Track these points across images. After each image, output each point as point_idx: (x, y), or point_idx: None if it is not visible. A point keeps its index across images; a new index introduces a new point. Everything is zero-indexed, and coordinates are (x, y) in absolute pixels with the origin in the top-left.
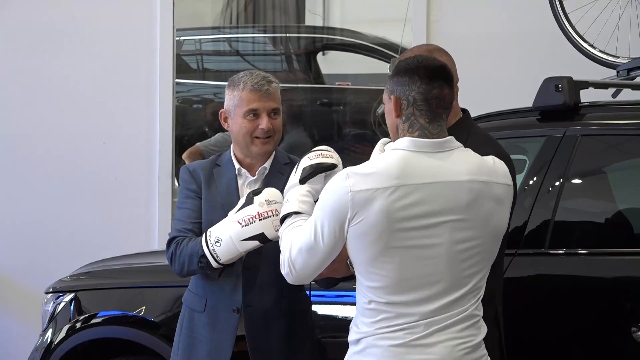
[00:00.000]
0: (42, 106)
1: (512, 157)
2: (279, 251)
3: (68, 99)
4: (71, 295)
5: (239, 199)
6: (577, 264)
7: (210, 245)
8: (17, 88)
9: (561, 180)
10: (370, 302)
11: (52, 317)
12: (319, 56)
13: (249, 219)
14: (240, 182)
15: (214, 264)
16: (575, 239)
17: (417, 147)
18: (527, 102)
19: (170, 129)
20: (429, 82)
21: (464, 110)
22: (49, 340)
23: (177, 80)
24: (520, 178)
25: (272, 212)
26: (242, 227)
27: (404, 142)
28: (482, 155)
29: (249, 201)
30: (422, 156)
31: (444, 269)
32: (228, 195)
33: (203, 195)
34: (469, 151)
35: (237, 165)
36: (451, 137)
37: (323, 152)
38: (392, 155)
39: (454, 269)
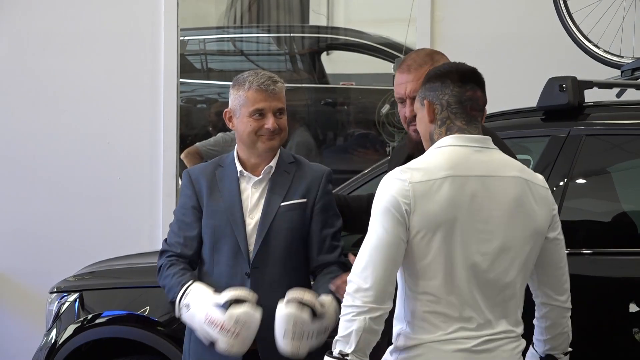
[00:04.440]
0: (45, 107)
1: (517, 157)
2: (286, 249)
3: (72, 99)
4: (75, 295)
5: (241, 202)
6: (581, 263)
7: (181, 303)
8: (20, 89)
9: (565, 180)
10: None
11: (57, 316)
12: (323, 56)
13: (212, 321)
14: (243, 183)
15: (177, 315)
16: (579, 239)
17: (463, 142)
18: (531, 102)
19: (175, 129)
20: (462, 84)
21: None
22: (53, 340)
23: (181, 80)
24: None
25: (234, 333)
26: (204, 321)
27: (448, 139)
28: None
29: (227, 305)
30: (470, 150)
31: None
32: (230, 199)
33: (204, 202)
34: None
35: (239, 168)
36: (489, 138)
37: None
38: (439, 152)
39: None
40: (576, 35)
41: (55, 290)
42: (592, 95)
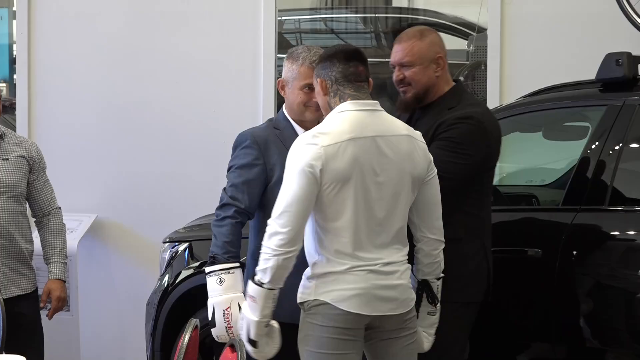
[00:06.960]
0: (162, 78)
1: (576, 124)
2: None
3: (183, 72)
4: (185, 245)
5: None
6: (633, 220)
7: (217, 273)
8: (139, 62)
9: (620, 144)
10: None
11: (169, 264)
12: None
13: (226, 315)
14: None
15: (205, 269)
16: (632, 198)
17: (358, 107)
18: (591, 75)
19: (272, 100)
20: (346, 62)
21: (457, 81)
22: (166, 284)
23: (278, 55)
24: (583, 143)
25: (232, 334)
26: (224, 307)
27: (346, 104)
28: (471, 111)
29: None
30: (365, 114)
31: None
32: None
33: (277, 160)
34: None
35: (300, 129)
36: (377, 102)
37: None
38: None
39: None
40: (632, 16)
41: (167, 240)
42: None
